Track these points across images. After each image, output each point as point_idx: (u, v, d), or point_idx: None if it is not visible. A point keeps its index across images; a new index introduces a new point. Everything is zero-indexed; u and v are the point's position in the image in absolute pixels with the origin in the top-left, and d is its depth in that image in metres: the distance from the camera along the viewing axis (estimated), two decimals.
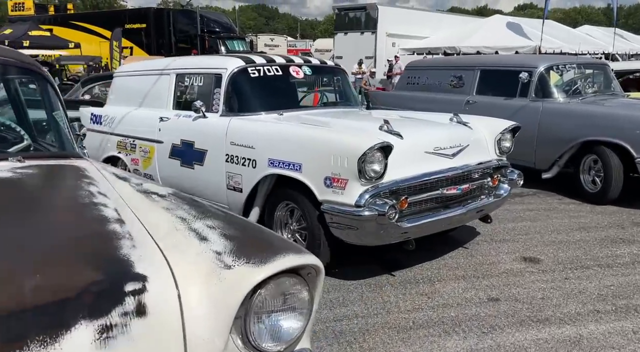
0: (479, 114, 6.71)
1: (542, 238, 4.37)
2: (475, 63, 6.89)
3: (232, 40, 23.54)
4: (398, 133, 3.32)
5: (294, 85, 4.40)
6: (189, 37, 23.64)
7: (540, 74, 6.01)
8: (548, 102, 5.91)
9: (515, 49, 18.14)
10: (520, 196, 5.82)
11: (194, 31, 23.46)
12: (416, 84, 7.70)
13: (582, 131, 5.46)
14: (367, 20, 22.89)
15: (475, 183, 3.70)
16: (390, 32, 22.70)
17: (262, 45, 28.44)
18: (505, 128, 3.95)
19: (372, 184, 3.08)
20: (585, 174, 5.59)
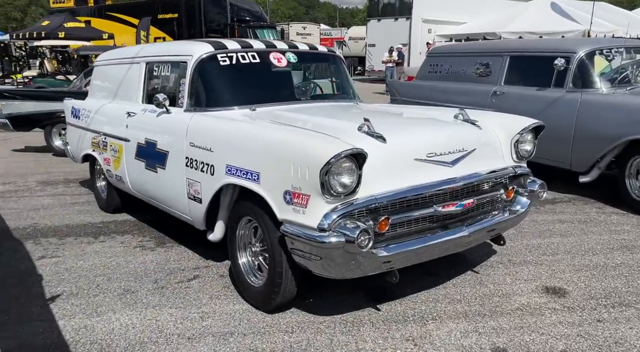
0: (508, 107, 5.96)
1: (573, 260, 3.59)
2: (504, 48, 6.02)
3: (262, 29, 23.04)
4: (380, 135, 2.65)
5: (277, 74, 3.78)
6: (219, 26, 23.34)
7: (579, 60, 5.11)
8: (588, 93, 5.01)
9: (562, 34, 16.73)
10: (552, 203, 4.99)
11: (225, 20, 23.12)
12: (439, 73, 6.90)
13: (629, 128, 4.56)
14: (401, 6, 21.85)
15: (483, 197, 2.97)
16: (426, 17, 21.56)
17: (294, 34, 27.71)
18: (524, 127, 3.18)
19: (342, 201, 2.43)
20: (632, 178, 4.70)
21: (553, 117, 5.22)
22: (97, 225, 4.43)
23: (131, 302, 2.97)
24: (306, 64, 4.04)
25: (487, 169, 2.99)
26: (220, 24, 23.27)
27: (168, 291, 3.12)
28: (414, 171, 2.68)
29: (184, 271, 3.43)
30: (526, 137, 3.22)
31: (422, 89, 7.09)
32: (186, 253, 3.75)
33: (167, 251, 3.79)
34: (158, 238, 4.08)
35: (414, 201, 2.66)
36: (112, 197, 4.64)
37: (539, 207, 4.88)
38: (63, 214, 4.75)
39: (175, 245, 3.91)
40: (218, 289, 3.16)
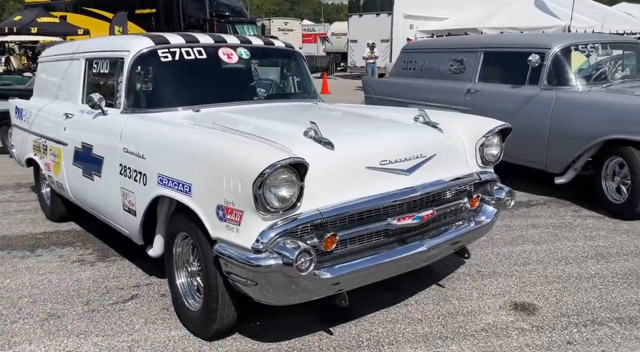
0: (482, 105, 5.73)
1: (545, 271, 3.35)
2: (478, 44, 5.78)
3: (242, 25, 22.60)
4: (328, 141, 2.36)
5: (228, 72, 3.47)
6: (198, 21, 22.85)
7: (554, 56, 4.89)
8: (563, 91, 4.80)
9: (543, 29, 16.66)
10: (527, 206, 4.78)
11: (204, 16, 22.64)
12: (412, 70, 6.65)
13: (605, 127, 4.35)
14: (382, 1, 21.58)
15: (444, 207, 2.71)
16: (408, 13, 21.34)
17: (276, 29, 27.30)
18: (490, 130, 2.92)
19: (281, 217, 2.15)
20: (608, 180, 4.50)
21: (528, 116, 5.01)
22: (38, 236, 4.08)
23: (53, 329, 2.65)
24: (261, 60, 3.74)
25: (449, 176, 2.72)
26: (199, 19, 22.80)
27: (99, 314, 2.81)
28: (365, 181, 2.41)
29: (122, 289, 3.12)
30: (492, 140, 2.96)
31: (395, 86, 6.83)
32: (129, 268, 3.43)
33: (108, 266, 3.47)
34: (102, 251, 3.75)
35: (366, 214, 2.38)
36: (56, 205, 4.30)
37: (513, 210, 4.65)
38: (3, 224, 4.39)
39: (119, 259, 3.59)
40: (156, 311, 2.85)
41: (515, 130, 5.25)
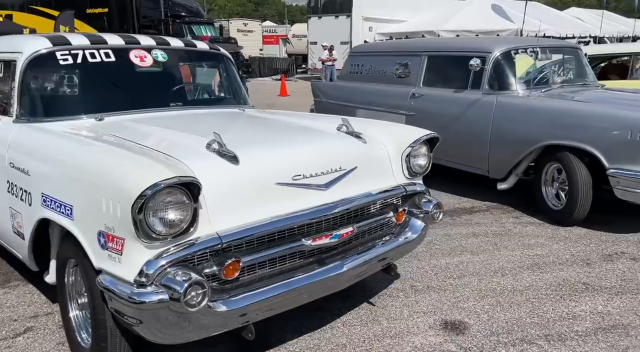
0: (427, 110, 5.62)
1: (480, 284, 3.23)
2: (422, 48, 5.68)
3: (198, 26, 22.08)
4: (233, 155, 2.13)
5: (140, 76, 3.19)
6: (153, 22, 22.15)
7: (494, 61, 4.82)
8: (504, 96, 4.74)
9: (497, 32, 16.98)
10: (470, 213, 4.68)
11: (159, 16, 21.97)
12: (360, 73, 6.49)
13: (543, 132, 4.31)
14: (341, 3, 21.52)
15: (367, 223, 2.53)
16: (367, 15, 21.37)
17: (235, 30, 26.85)
18: (416, 139, 2.76)
19: (171, 243, 1.90)
20: (547, 186, 4.45)
21: (470, 121, 4.94)
22: None
23: None
24: (182, 63, 3.47)
25: (372, 190, 2.54)
26: (154, 19, 22.11)
27: None
28: (276, 199, 2.19)
29: (17, 320, 2.78)
30: (419, 150, 2.80)
31: (344, 90, 6.66)
32: (31, 295, 3.09)
33: (7, 293, 3.12)
34: (5, 274, 3.38)
35: (276, 235, 2.16)
36: None
37: (455, 217, 4.55)
38: None
39: (23, 283, 3.24)
40: (50, 347, 2.54)
41: (459, 136, 5.26)
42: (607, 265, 3.44)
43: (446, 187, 5.43)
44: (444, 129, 5.22)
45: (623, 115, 3.85)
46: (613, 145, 3.83)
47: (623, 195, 3.83)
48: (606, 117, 3.93)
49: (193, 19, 22.09)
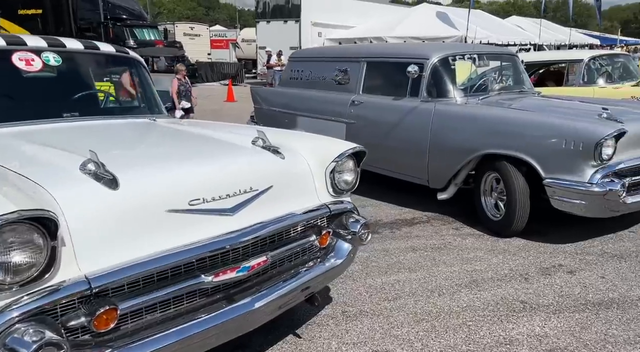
0: (366, 117, 5.43)
1: (416, 306, 3.02)
2: (361, 54, 5.50)
3: (141, 29, 21.21)
4: (112, 177, 1.79)
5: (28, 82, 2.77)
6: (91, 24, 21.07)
7: (432, 67, 4.70)
8: (442, 103, 4.61)
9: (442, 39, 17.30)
10: (410, 225, 4.51)
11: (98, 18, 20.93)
12: (300, 79, 6.24)
13: (481, 141, 4.20)
14: (290, 8, 21.31)
15: (284, 250, 2.25)
16: (316, 21, 21.28)
17: (181, 34, 26.03)
18: (341, 153, 2.51)
19: (24, 292, 1.54)
20: (487, 196, 4.35)
21: (410, 130, 4.78)
22: None
23: None
24: (82, 68, 3.07)
25: (290, 212, 2.26)
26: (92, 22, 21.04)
27: None
28: (168, 229, 1.86)
29: None
30: (345, 165, 2.55)
31: (283, 96, 6.39)
32: None
33: None
34: None
35: (170, 272, 1.84)
36: None
37: (395, 230, 4.36)
38: None
39: None
40: None
41: (398, 145, 5.09)
42: (545, 279, 3.33)
43: (389, 197, 5.26)
44: (384, 138, 5.07)
45: (558, 124, 3.79)
46: (549, 155, 3.76)
47: (559, 205, 3.76)
48: (541, 126, 3.86)
49: (135, 22, 21.20)
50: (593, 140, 3.51)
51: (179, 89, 9.20)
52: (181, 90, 9.14)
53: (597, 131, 3.53)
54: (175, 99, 9.23)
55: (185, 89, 9.19)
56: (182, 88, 9.13)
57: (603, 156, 3.54)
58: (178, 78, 9.41)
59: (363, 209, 5.04)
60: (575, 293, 3.13)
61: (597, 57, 6.92)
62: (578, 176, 3.61)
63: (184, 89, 9.06)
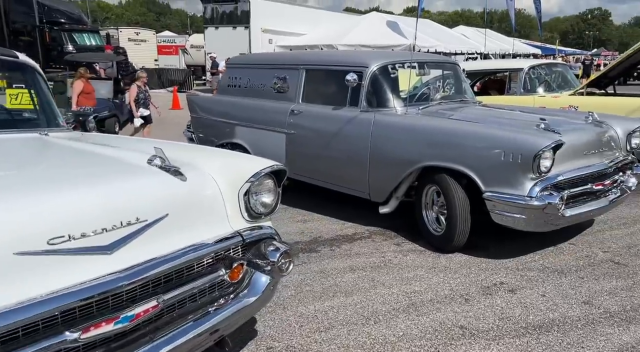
0: (306, 128, 5.15)
1: (349, 337, 2.75)
2: (300, 61, 5.24)
3: (80, 33, 20.14)
4: None
5: None
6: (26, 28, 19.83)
7: (372, 76, 4.50)
8: (381, 113, 4.42)
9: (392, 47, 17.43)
10: (351, 241, 4.26)
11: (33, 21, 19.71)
12: (238, 87, 5.90)
13: (421, 153, 4.02)
14: (238, 14, 20.90)
15: (181, 292, 1.91)
16: (266, 27, 20.96)
17: (126, 39, 24.98)
18: (256, 173, 2.21)
19: None
20: (428, 210, 4.17)
21: (350, 141, 4.56)
22: None
23: None
24: None
25: (192, 243, 1.93)
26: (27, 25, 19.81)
27: None
28: (19, 276, 1.49)
29: None
30: (262, 185, 2.26)
31: (221, 105, 6.03)
32: None
33: None
34: None
35: (21, 330, 1.46)
36: None
37: (334, 248, 4.11)
38: None
39: None
40: None
41: (339, 157, 4.84)
42: (486, 300, 3.15)
43: (332, 211, 5.02)
44: (324, 149, 4.82)
45: (496, 135, 3.66)
46: (488, 167, 3.62)
47: (500, 219, 3.62)
48: (480, 137, 3.72)
49: (74, 26, 20.11)
50: (531, 152, 3.39)
51: (138, 97, 8.67)
52: (140, 98, 8.63)
53: (535, 143, 3.41)
54: (133, 107, 8.68)
55: (144, 97, 8.72)
56: (141, 96, 8.64)
57: (541, 168, 3.43)
58: (138, 85, 8.88)
59: (304, 224, 4.77)
60: (516, 315, 2.96)
61: (537, 66, 7.00)
62: (517, 189, 3.48)
63: (142, 96, 8.58)
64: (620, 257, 3.81)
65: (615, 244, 4.07)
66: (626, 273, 3.51)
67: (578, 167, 3.73)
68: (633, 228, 4.45)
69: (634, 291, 3.22)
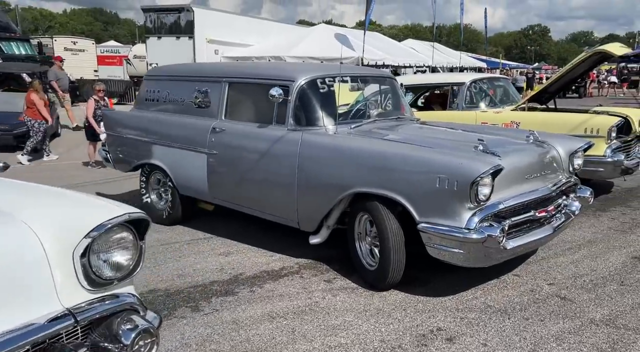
0: (229, 148, 4.58)
1: None
2: (222, 73, 4.70)
3: (8, 42, 18.71)
4: None
5: None
6: None
7: (299, 91, 4.03)
8: (310, 132, 3.94)
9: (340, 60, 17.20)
10: (276, 279, 3.74)
11: None
12: (156, 101, 5.28)
13: (352, 177, 3.57)
14: (182, 24, 20.11)
15: None
16: (212, 38, 20.28)
17: (61, 49, 23.49)
18: (101, 224, 1.64)
19: None
20: (362, 241, 3.71)
21: (276, 164, 4.05)
22: None
23: None
24: None
25: None
26: None
27: None
28: None
29: None
30: (111, 241, 1.69)
31: (138, 121, 5.39)
32: None
33: None
34: None
35: None
36: None
37: (255, 288, 3.57)
38: None
39: None
40: None
41: (265, 181, 4.22)
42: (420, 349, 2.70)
43: (261, 241, 4.51)
44: (249, 172, 4.27)
45: (430, 159, 3.25)
46: (422, 195, 3.20)
47: (436, 254, 3.21)
48: (413, 161, 3.30)
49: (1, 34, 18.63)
50: (468, 178, 3.00)
51: (95, 113, 7.74)
52: (97, 114, 7.65)
53: (472, 168, 3.02)
54: (93, 123, 7.74)
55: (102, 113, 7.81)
56: (98, 112, 7.64)
57: (480, 197, 3.05)
58: (95, 99, 7.97)
59: (226, 257, 4.20)
60: None
61: (478, 80, 6.80)
62: (454, 220, 3.08)
63: (100, 113, 7.52)
64: (566, 290, 3.48)
65: (560, 275, 3.75)
66: (573, 311, 3.17)
67: (520, 193, 3.38)
68: (578, 254, 4.18)
69: (581, 335, 2.87)
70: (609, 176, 5.55)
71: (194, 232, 4.90)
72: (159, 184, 5.27)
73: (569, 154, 3.88)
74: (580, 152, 3.94)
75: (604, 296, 3.39)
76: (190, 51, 19.71)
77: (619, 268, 3.86)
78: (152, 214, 5.31)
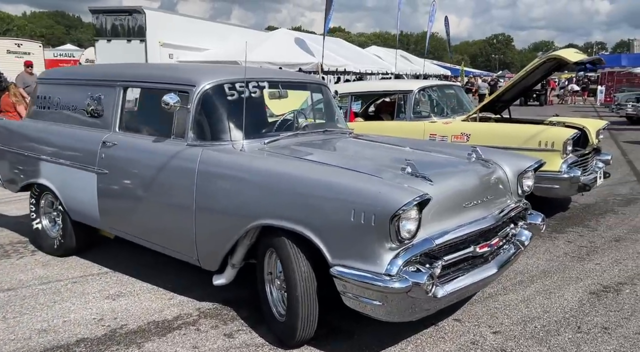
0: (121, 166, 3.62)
1: None
2: (117, 76, 3.92)
3: None
4: None
5: None
6: None
7: (201, 98, 3.31)
8: (211, 148, 3.23)
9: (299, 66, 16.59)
10: (164, 333, 2.99)
11: None
12: (47, 109, 4.46)
13: (258, 206, 2.87)
14: (133, 27, 19.10)
15: None
16: (165, 41, 19.34)
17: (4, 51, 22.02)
18: None
19: None
20: (272, 283, 3.01)
21: (172, 185, 3.31)
22: None
23: None
24: None
25: None
26: None
27: None
28: None
29: None
30: None
31: (26, 132, 4.54)
32: None
33: None
34: None
35: None
36: None
37: (131, 350, 2.80)
38: None
39: None
40: None
41: (160, 207, 3.11)
42: None
43: (164, 277, 3.77)
44: (142, 196, 3.53)
45: (342, 185, 2.58)
46: (335, 231, 2.53)
47: (354, 305, 2.53)
48: (323, 187, 2.62)
49: None
50: (387, 212, 2.34)
51: None
52: None
53: (391, 199, 2.37)
54: None
55: None
56: None
57: (403, 234, 2.40)
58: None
59: (113, 302, 3.43)
60: None
61: (427, 88, 6.24)
62: (373, 264, 2.42)
63: None
64: (513, 341, 2.87)
65: (508, 319, 3.15)
66: None
67: (458, 225, 2.74)
68: (530, 289, 3.60)
69: None
70: (565, 193, 5.05)
71: (88, 266, 4.10)
72: (52, 207, 4.45)
73: (518, 174, 3.29)
74: (531, 172, 3.35)
75: (557, 349, 2.79)
76: (142, 55, 18.70)
77: (575, 308, 3.29)
78: (44, 242, 4.48)
